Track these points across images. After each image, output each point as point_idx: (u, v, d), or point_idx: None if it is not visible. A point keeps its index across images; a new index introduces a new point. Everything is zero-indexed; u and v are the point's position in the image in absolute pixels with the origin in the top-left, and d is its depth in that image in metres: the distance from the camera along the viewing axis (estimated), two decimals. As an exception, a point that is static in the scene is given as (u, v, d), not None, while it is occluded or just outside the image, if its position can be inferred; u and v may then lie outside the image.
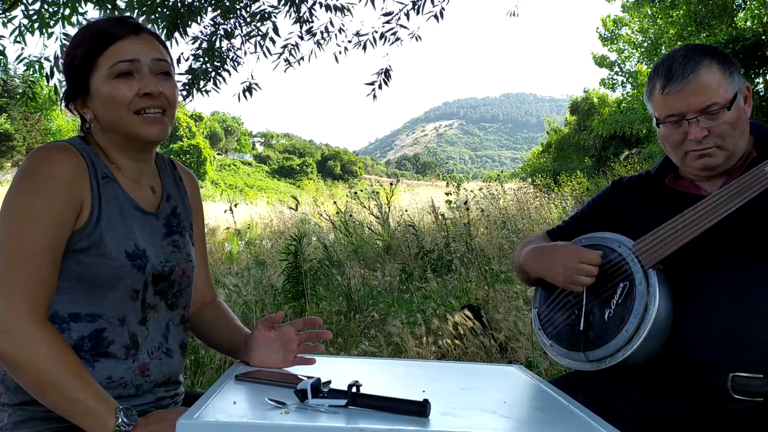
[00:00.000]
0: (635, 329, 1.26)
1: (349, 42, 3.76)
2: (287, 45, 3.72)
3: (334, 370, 1.24)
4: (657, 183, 1.47)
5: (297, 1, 3.57)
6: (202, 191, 1.47)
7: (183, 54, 3.69)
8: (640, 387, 1.31)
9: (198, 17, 3.42)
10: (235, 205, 7.97)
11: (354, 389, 0.92)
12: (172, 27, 3.29)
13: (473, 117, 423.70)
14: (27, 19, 3.20)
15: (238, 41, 3.68)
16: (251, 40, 3.62)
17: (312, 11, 3.66)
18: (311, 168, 74.80)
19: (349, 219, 7.47)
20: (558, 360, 1.41)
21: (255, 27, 3.58)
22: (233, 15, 3.52)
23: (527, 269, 1.50)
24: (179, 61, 3.62)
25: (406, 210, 8.01)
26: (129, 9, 3.03)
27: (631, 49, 18.08)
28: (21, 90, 3.82)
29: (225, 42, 3.64)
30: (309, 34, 3.70)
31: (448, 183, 8.47)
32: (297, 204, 8.11)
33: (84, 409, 0.99)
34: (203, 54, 3.57)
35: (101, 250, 1.09)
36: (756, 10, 12.80)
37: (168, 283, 1.20)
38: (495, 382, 1.22)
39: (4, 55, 3.51)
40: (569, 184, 11.20)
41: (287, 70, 3.78)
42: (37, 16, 3.17)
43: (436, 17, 3.51)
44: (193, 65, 3.61)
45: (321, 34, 3.73)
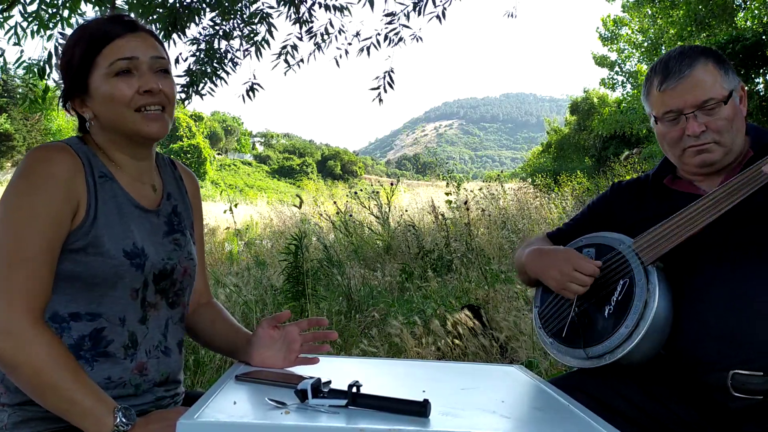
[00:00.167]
0: (635, 325, 1.27)
1: (350, 44, 3.76)
2: (286, 46, 3.71)
3: (334, 370, 1.23)
4: (656, 184, 1.48)
5: (296, 2, 3.56)
6: (202, 191, 1.47)
7: (181, 54, 3.69)
8: (640, 386, 1.31)
9: (196, 18, 3.41)
10: (235, 205, 7.97)
11: (354, 389, 0.92)
12: (170, 27, 3.28)
13: (473, 117, 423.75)
14: (25, 21, 3.19)
15: (236, 42, 3.68)
16: (250, 41, 3.62)
17: (311, 11, 3.66)
18: (311, 168, 74.82)
19: (349, 219, 7.47)
20: (558, 358, 1.42)
21: (252, 29, 3.58)
22: (232, 16, 3.51)
23: (527, 269, 1.51)
24: (177, 62, 3.62)
25: (406, 210, 8.01)
26: (129, 10, 3.03)
27: (631, 49, 18.09)
28: (21, 92, 3.81)
29: (223, 43, 3.64)
30: (309, 34, 3.69)
31: (448, 183, 8.47)
32: (301, 202, 8.11)
33: (82, 410, 0.99)
34: (204, 55, 3.57)
35: (99, 249, 1.09)
36: (756, 10, 12.80)
37: (170, 282, 1.20)
38: (495, 382, 1.22)
39: (2, 57, 3.51)
40: (569, 184, 11.19)
41: (287, 72, 3.77)
42: (35, 17, 3.16)
43: (438, 18, 3.50)
44: (192, 67, 3.61)
45: (321, 35, 3.73)
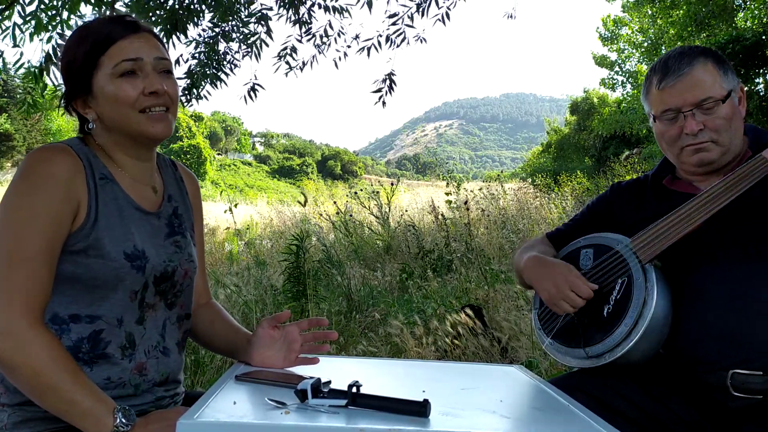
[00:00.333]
0: (633, 323, 1.27)
1: (348, 47, 3.75)
2: (286, 47, 3.71)
3: (334, 370, 1.24)
4: (655, 184, 1.49)
5: (296, 2, 3.56)
6: (202, 191, 1.46)
7: (182, 56, 3.69)
8: (640, 386, 1.31)
9: (196, 19, 3.42)
10: (235, 205, 7.96)
11: (354, 389, 0.92)
12: (170, 28, 3.28)
13: (473, 117, 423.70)
14: (25, 23, 3.18)
15: (235, 45, 3.68)
16: (248, 42, 3.62)
17: (311, 12, 3.66)
18: (311, 168, 74.81)
19: (349, 219, 7.47)
20: (558, 358, 1.42)
21: (251, 30, 3.58)
22: (230, 18, 3.51)
23: (524, 275, 1.51)
24: (178, 63, 3.61)
25: (406, 210, 8.01)
26: (131, 11, 3.03)
27: (631, 49, 18.08)
28: (20, 96, 3.80)
29: (222, 44, 3.64)
30: (308, 34, 3.69)
31: (448, 183, 8.47)
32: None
33: (82, 411, 0.99)
34: (205, 57, 3.57)
35: (100, 251, 1.08)
36: (756, 10, 12.80)
37: (170, 284, 1.20)
38: (495, 382, 1.22)
39: (2, 58, 3.50)
40: (569, 184, 11.19)
41: (288, 74, 3.76)
42: (34, 19, 3.15)
43: (442, 20, 3.49)
44: (192, 68, 3.61)
45: (320, 37, 3.73)
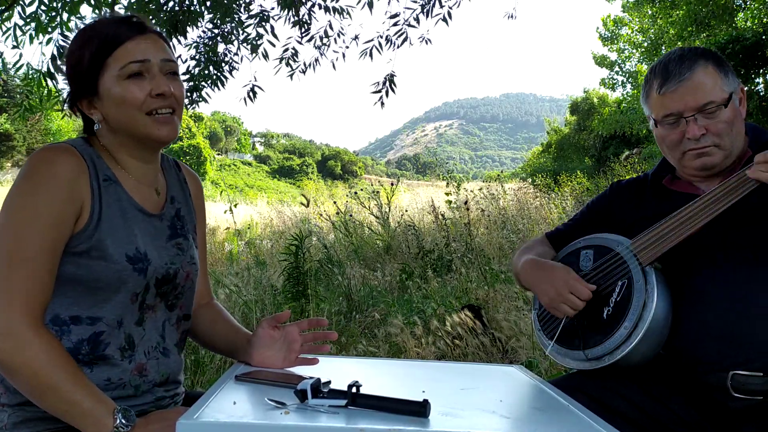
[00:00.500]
0: (633, 326, 1.27)
1: (347, 48, 3.76)
2: (287, 48, 3.71)
3: (334, 370, 1.24)
4: (655, 184, 1.48)
5: (296, 3, 3.56)
6: (202, 191, 1.46)
7: (181, 57, 3.70)
8: (640, 387, 1.31)
9: (196, 21, 3.42)
10: (235, 205, 7.96)
11: (354, 389, 0.92)
12: (171, 29, 3.29)
13: (473, 117, 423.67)
14: (25, 24, 3.18)
15: (234, 47, 3.68)
16: (248, 44, 3.62)
17: (311, 13, 3.66)
18: (311, 168, 74.82)
19: (349, 219, 7.47)
20: (558, 360, 1.42)
21: (249, 32, 3.58)
22: (229, 20, 3.51)
23: (521, 279, 1.51)
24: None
25: (406, 210, 8.01)
26: (131, 12, 3.03)
27: (632, 49, 18.08)
28: (19, 99, 3.78)
29: (222, 46, 3.65)
30: (307, 35, 3.69)
31: (448, 183, 8.46)
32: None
33: (82, 411, 0.99)
34: (204, 59, 3.57)
35: (102, 253, 1.08)
36: (756, 10, 12.80)
37: (171, 286, 1.19)
38: (495, 382, 1.22)
39: (2, 60, 3.49)
40: (569, 184, 11.19)
41: (292, 76, 3.76)
42: (34, 20, 3.15)
43: (444, 20, 3.49)
44: (192, 70, 3.61)
45: (320, 38, 3.72)
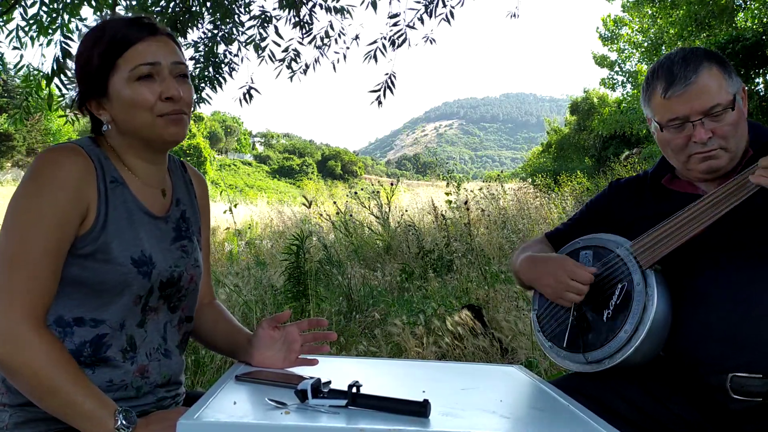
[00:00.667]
0: (634, 330, 1.26)
1: (348, 48, 3.75)
2: (288, 49, 3.71)
3: (334, 370, 1.24)
4: (654, 184, 1.46)
5: (297, 3, 3.56)
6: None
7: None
8: (640, 387, 1.31)
9: (197, 22, 3.42)
10: (235, 206, 7.96)
11: (354, 389, 0.92)
12: (172, 30, 3.29)
13: (473, 117, 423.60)
14: (26, 23, 3.18)
15: (234, 47, 3.68)
16: (248, 45, 3.62)
17: (312, 13, 3.65)
18: (311, 168, 74.87)
19: (349, 219, 7.47)
20: (557, 362, 1.41)
21: (249, 33, 3.58)
22: (229, 21, 3.51)
23: (521, 278, 1.51)
24: None
25: (406, 210, 8.01)
26: (132, 13, 3.04)
27: (632, 49, 18.08)
28: (19, 101, 3.75)
29: (222, 47, 3.64)
30: (308, 35, 3.69)
31: (448, 183, 8.47)
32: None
33: (83, 413, 0.99)
34: (204, 60, 3.57)
35: (107, 255, 1.08)
36: (756, 10, 12.80)
37: (175, 289, 1.19)
38: (495, 382, 1.22)
39: (2, 61, 3.48)
40: (569, 184, 11.18)
41: (292, 78, 3.76)
42: (36, 22, 3.15)
43: (447, 20, 3.49)
44: (192, 71, 3.61)
45: (321, 39, 3.72)
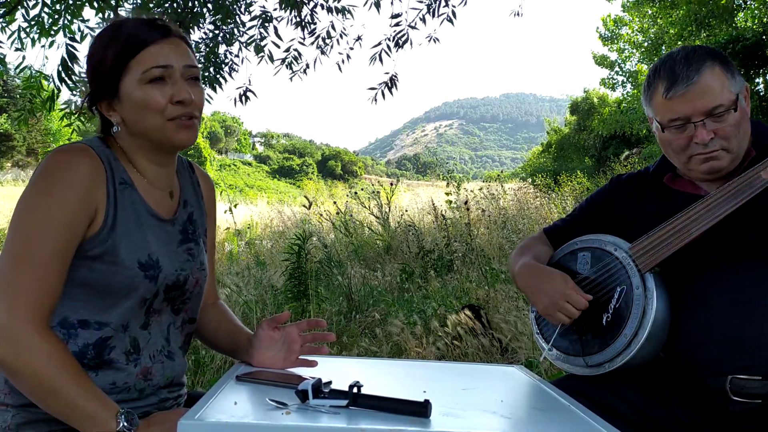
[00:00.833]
0: (633, 334, 1.25)
1: (351, 49, 3.75)
2: (289, 49, 3.71)
3: (334, 370, 1.24)
4: (655, 182, 1.45)
5: (298, 3, 3.56)
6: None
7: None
8: (640, 388, 1.30)
9: (198, 22, 3.42)
10: (235, 206, 7.96)
11: (355, 389, 0.92)
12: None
13: (473, 117, 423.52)
14: (27, 25, 3.18)
15: (235, 48, 3.68)
16: (249, 46, 3.62)
17: (314, 13, 3.66)
18: (311, 168, 74.87)
19: (349, 219, 7.47)
20: (557, 364, 1.41)
21: (251, 33, 3.58)
22: (230, 22, 3.51)
23: (517, 284, 1.50)
24: None
25: (406, 210, 8.01)
26: (133, 15, 3.04)
27: (632, 49, 18.09)
28: (20, 102, 3.74)
29: (222, 47, 3.65)
30: (311, 35, 3.69)
31: (448, 183, 8.48)
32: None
33: (84, 414, 0.99)
34: (205, 60, 3.57)
35: (114, 258, 1.07)
36: (756, 10, 12.80)
37: (180, 292, 1.19)
38: (495, 382, 1.22)
39: (3, 63, 3.48)
40: (569, 184, 11.18)
41: (292, 78, 3.76)
42: (37, 23, 3.14)
43: (449, 20, 3.49)
44: None
45: (323, 40, 3.72)
